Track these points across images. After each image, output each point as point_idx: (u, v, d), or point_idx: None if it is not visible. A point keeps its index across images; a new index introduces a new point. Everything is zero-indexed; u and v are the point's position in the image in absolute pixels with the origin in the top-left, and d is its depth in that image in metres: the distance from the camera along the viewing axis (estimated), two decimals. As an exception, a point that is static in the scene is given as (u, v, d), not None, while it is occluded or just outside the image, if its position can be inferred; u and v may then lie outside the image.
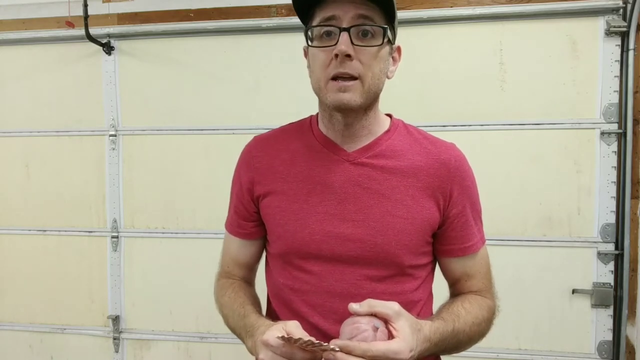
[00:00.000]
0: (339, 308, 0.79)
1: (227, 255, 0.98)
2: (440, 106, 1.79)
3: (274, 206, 0.86)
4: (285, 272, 0.86)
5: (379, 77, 0.79)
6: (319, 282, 0.82)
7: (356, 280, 0.81)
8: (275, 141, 0.90)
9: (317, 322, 0.82)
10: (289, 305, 0.85)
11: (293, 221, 0.83)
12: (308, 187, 0.83)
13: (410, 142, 0.85)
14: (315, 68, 0.78)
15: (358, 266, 0.81)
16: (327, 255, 0.81)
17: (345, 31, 0.73)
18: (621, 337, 1.71)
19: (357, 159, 0.83)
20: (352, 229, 0.80)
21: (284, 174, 0.86)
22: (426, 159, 0.83)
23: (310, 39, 0.78)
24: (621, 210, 1.71)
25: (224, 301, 0.89)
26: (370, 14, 0.75)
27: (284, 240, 0.84)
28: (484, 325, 0.84)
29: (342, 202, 0.81)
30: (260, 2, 1.86)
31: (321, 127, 0.87)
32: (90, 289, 2.05)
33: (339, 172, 0.82)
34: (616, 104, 1.70)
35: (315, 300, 0.82)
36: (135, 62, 1.96)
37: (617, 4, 1.67)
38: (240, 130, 1.90)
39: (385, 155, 0.83)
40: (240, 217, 0.93)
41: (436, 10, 1.76)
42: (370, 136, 0.84)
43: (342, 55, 0.73)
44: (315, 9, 0.78)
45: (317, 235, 0.81)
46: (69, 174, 2.03)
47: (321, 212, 0.82)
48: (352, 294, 0.80)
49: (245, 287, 0.94)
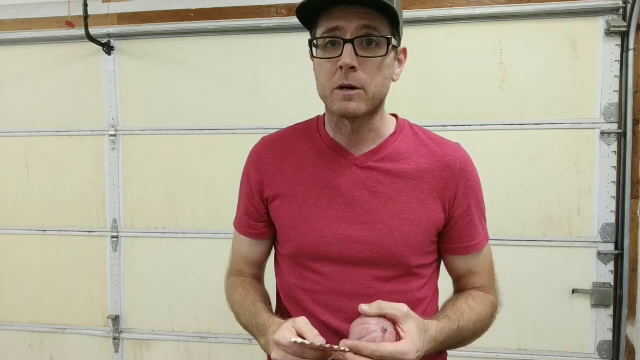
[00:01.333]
0: (349, 307, 0.82)
1: (237, 253, 0.99)
2: (440, 106, 1.79)
3: (284, 209, 0.88)
4: (296, 273, 0.89)
5: (384, 84, 0.80)
6: (328, 283, 0.85)
7: (364, 280, 0.83)
8: (283, 143, 0.92)
9: (328, 320, 0.85)
10: (300, 304, 0.88)
11: (303, 224, 0.85)
12: (317, 190, 0.85)
13: (416, 144, 0.87)
14: (321, 76, 0.80)
15: (366, 267, 0.83)
16: (336, 256, 0.84)
17: (350, 43, 0.74)
18: (621, 337, 1.71)
19: (364, 163, 0.85)
20: (360, 231, 0.83)
21: (292, 177, 0.88)
22: (431, 161, 0.85)
23: (315, 46, 0.80)
24: (621, 210, 1.71)
25: (235, 299, 0.91)
26: (374, 24, 0.75)
27: (295, 242, 0.87)
28: (487, 321, 0.87)
29: (350, 206, 0.84)
30: (260, 2, 1.86)
31: (328, 130, 0.89)
32: (90, 289, 2.05)
33: (346, 176, 0.84)
34: (616, 104, 1.70)
35: (325, 299, 0.85)
36: (135, 62, 1.96)
37: (617, 4, 1.67)
38: (240, 130, 1.90)
39: (392, 158, 0.85)
40: (250, 218, 0.94)
41: (436, 10, 1.77)
42: (377, 139, 0.86)
43: (347, 67, 0.74)
44: (319, 17, 0.78)
45: (326, 238, 0.84)
46: (69, 174, 2.03)
47: (330, 215, 0.84)
48: (360, 294, 0.82)
49: (255, 284, 0.95)
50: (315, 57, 0.80)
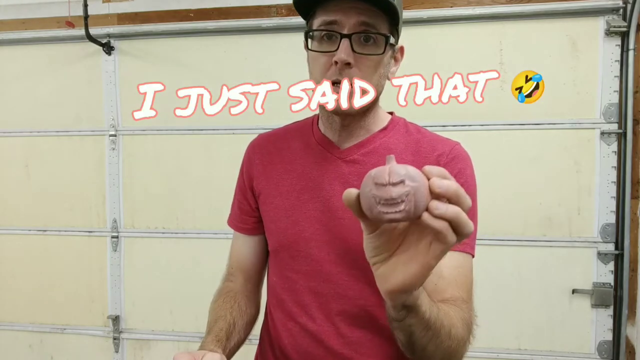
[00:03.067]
0: (326, 308, 0.80)
1: (233, 255, 0.98)
2: (440, 106, 1.78)
3: (269, 202, 0.86)
4: (278, 271, 0.87)
5: (378, 83, 0.78)
6: (307, 282, 0.82)
7: (343, 280, 0.80)
8: (277, 139, 0.91)
9: (305, 322, 0.82)
10: (282, 305, 0.86)
11: (285, 218, 0.83)
12: (301, 184, 0.83)
13: (406, 140, 0.84)
14: (315, 70, 0.78)
15: (343, 266, 0.79)
16: (315, 253, 0.81)
17: (347, 38, 0.72)
18: (621, 337, 1.71)
19: (348, 156, 0.82)
20: (338, 227, 0.79)
21: (281, 172, 0.86)
22: (416, 158, 0.80)
23: (310, 38, 0.78)
24: (621, 210, 1.71)
25: (211, 307, 0.89)
26: (373, 21, 0.73)
27: (276, 236, 0.85)
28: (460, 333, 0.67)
29: (330, 200, 0.81)
30: (260, 2, 1.86)
31: (320, 126, 0.87)
32: (90, 289, 2.05)
33: (330, 170, 0.82)
34: (616, 104, 1.70)
35: (304, 300, 0.82)
36: (135, 62, 1.96)
37: (617, 4, 1.67)
38: (240, 130, 1.90)
39: (378, 152, 0.81)
40: (243, 212, 0.93)
41: (436, 10, 1.77)
42: (367, 134, 0.83)
43: (342, 63, 0.72)
44: (316, 9, 0.76)
45: (306, 233, 0.81)
46: (69, 174, 2.03)
47: (311, 209, 0.82)
48: (338, 295, 0.79)
49: (237, 300, 0.89)
50: (310, 49, 0.78)
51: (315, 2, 0.75)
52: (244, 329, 0.86)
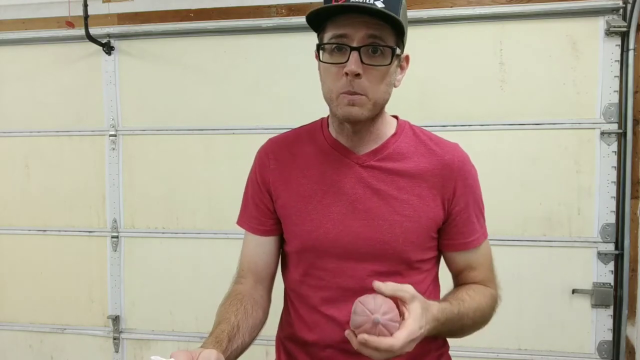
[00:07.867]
0: (352, 301, 0.83)
1: (244, 256, 1.00)
2: (440, 106, 1.79)
3: (291, 206, 0.91)
4: (301, 269, 0.92)
5: (386, 91, 0.83)
6: (332, 278, 0.89)
7: (367, 275, 0.86)
8: (289, 143, 0.96)
9: (332, 313, 0.89)
10: (306, 299, 0.92)
11: (308, 221, 0.89)
12: (323, 188, 0.89)
13: (416, 144, 0.91)
14: (327, 80, 0.83)
15: (368, 262, 0.87)
16: (340, 252, 0.88)
17: (356, 50, 0.78)
18: (621, 337, 1.71)
19: (366, 162, 0.89)
20: (363, 227, 0.87)
21: (298, 176, 0.92)
22: (430, 160, 0.89)
23: (322, 50, 0.83)
24: (621, 210, 1.71)
25: (218, 310, 0.90)
26: (380, 34, 0.78)
27: (301, 238, 0.90)
28: (487, 312, 0.90)
29: (353, 203, 0.87)
30: (260, 2, 1.87)
31: (331, 131, 0.93)
32: (90, 289, 2.05)
33: (350, 175, 0.89)
34: (616, 104, 1.70)
35: (329, 294, 0.89)
36: (135, 62, 1.96)
37: (617, 4, 1.67)
38: (240, 130, 1.90)
39: (393, 157, 0.89)
40: (260, 214, 0.96)
41: (436, 10, 1.77)
42: (379, 140, 0.90)
43: (352, 74, 0.78)
44: (327, 23, 0.82)
45: (331, 234, 0.88)
46: (69, 174, 2.03)
47: (334, 212, 0.88)
48: (364, 289, 0.83)
49: (243, 303, 0.90)
50: (321, 60, 0.84)
51: (326, 17, 0.81)
52: (249, 332, 0.87)
